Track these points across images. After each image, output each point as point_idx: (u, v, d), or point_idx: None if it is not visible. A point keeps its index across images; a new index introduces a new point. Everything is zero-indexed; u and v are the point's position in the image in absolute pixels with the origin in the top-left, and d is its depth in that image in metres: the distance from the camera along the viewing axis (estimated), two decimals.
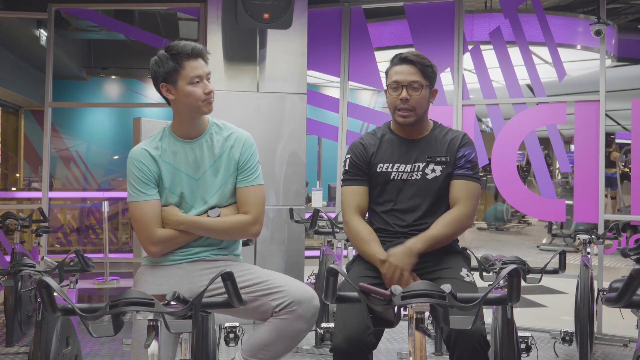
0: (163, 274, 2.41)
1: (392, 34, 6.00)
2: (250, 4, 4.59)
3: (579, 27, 7.31)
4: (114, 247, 8.99)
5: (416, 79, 2.53)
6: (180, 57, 2.36)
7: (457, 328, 1.59)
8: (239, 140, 2.50)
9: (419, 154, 2.59)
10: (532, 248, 10.35)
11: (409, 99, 2.52)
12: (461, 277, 2.41)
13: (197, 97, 2.38)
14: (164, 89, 2.41)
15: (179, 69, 2.36)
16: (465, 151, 2.58)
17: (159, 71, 2.39)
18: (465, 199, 2.53)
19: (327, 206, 7.41)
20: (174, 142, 2.46)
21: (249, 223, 2.46)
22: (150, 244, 2.39)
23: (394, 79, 2.55)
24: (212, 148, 2.47)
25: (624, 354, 4.34)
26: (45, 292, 1.51)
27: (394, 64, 2.59)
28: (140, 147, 2.46)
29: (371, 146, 2.64)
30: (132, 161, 2.43)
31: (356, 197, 2.59)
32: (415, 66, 2.54)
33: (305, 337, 2.40)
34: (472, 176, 2.57)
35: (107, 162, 11.06)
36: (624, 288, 1.49)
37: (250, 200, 2.47)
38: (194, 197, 2.46)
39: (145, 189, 2.40)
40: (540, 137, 5.14)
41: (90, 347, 4.33)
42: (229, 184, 2.48)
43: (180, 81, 2.37)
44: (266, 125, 5.02)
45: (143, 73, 10.73)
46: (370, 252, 2.49)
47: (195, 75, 2.37)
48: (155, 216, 2.40)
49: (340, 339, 2.25)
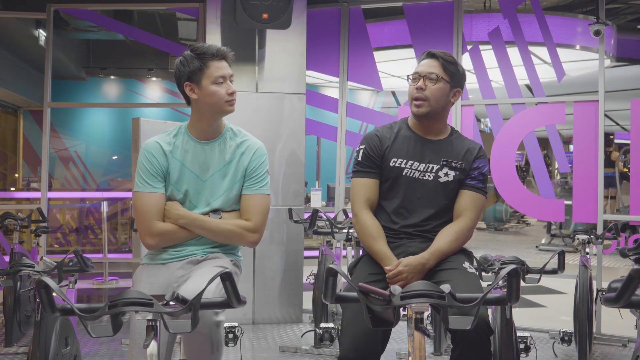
0: (155, 272, 2.42)
1: (391, 34, 6.01)
2: (249, 4, 4.59)
3: (578, 27, 7.31)
4: (113, 247, 8.99)
5: (435, 71, 2.54)
6: (205, 57, 2.40)
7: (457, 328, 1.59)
8: (250, 148, 2.52)
9: (434, 156, 2.57)
10: (531, 248, 10.36)
11: (424, 88, 2.52)
12: (463, 267, 2.42)
13: (220, 97, 2.42)
14: (188, 88, 2.44)
15: (204, 68, 2.40)
16: (480, 163, 2.59)
17: (183, 70, 2.42)
18: (471, 210, 2.54)
19: (326, 206, 7.42)
20: (187, 141, 2.49)
21: (248, 230, 2.46)
22: (148, 235, 2.41)
23: (415, 71, 2.58)
24: (223, 152, 2.49)
25: (622, 354, 4.34)
26: (44, 292, 1.51)
27: (421, 59, 2.62)
28: (154, 140, 2.50)
29: (386, 139, 2.61)
30: (144, 152, 2.46)
31: (367, 190, 2.57)
32: (438, 60, 2.55)
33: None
34: (482, 189, 2.58)
35: (106, 162, 11.06)
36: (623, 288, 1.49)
37: (254, 208, 2.47)
38: (199, 197, 2.47)
39: (152, 181, 2.43)
40: (539, 137, 5.14)
41: (89, 347, 4.33)
42: (235, 189, 2.49)
43: (204, 80, 2.41)
44: (265, 125, 5.02)
45: (142, 73, 10.72)
46: (375, 249, 2.49)
47: (220, 75, 2.41)
48: (157, 209, 2.42)
49: (348, 348, 2.24)
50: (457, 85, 2.60)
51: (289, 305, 5.16)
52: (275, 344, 4.50)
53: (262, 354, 4.31)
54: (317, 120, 5.74)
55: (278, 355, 4.29)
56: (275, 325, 5.05)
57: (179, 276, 2.40)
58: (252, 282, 5.04)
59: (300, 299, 5.22)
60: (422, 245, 2.49)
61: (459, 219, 2.54)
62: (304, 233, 5.22)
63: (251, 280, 5.03)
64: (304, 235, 5.27)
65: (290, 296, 5.17)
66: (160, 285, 2.34)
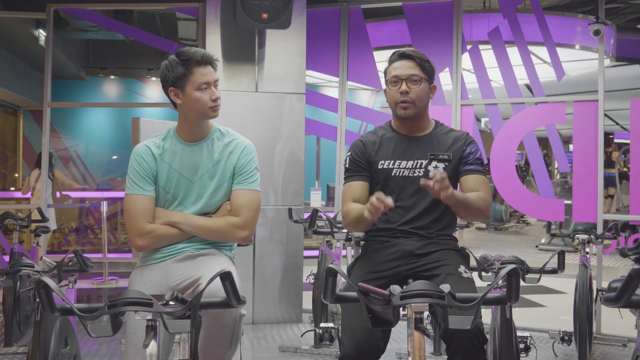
0: (148, 273, 2.43)
1: (391, 34, 6.01)
2: (249, 4, 4.59)
3: (578, 27, 7.31)
4: (112, 247, 8.99)
5: (415, 72, 2.56)
6: (190, 63, 2.41)
7: (456, 328, 1.59)
8: (239, 146, 2.53)
9: (421, 152, 2.59)
10: (531, 248, 10.35)
11: (409, 91, 2.55)
12: (459, 273, 2.42)
13: (204, 103, 2.43)
14: (172, 93, 2.46)
15: (188, 75, 2.41)
16: (472, 148, 2.61)
17: (168, 75, 2.44)
18: (484, 190, 2.54)
19: (326, 206, 7.41)
20: (175, 144, 2.51)
21: (237, 226, 2.45)
22: (137, 237, 2.42)
23: (393, 74, 2.59)
24: (211, 153, 2.51)
25: (622, 354, 4.34)
26: (44, 292, 1.51)
27: (392, 60, 2.63)
28: (144, 143, 2.53)
29: (371, 144, 2.65)
30: (134, 156, 2.50)
31: (354, 192, 2.60)
32: (414, 60, 2.58)
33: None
34: (482, 171, 2.60)
35: (106, 162, 11.05)
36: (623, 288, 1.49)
37: (243, 204, 2.47)
38: (188, 198, 2.49)
39: (142, 184, 2.45)
40: (539, 137, 5.14)
41: (88, 347, 4.33)
42: (224, 188, 2.50)
43: (188, 86, 2.42)
44: (265, 125, 5.02)
45: (142, 73, 10.72)
46: (356, 213, 2.45)
47: (204, 82, 2.42)
48: (146, 211, 2.44)
49: (349, 347, 2.25)
50: (432, 82, 2.65)
51: (288, 305, 5.16)
52: (275, 344, 4.50)
53: (261, 353, 4.31)
54: (317, 120, 5.74)
55: (278, 355, 4.29)
56: (275, 325, 5.05)
57: (173, 272, 2.40)
58: (252, 282, 5.04)
59: (300, 299, 5.22)
60: (418, 243, 2.51)
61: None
62: (303, 233, 5.22)
63: (251, 280, 5.03)
64: (303, 235, 5.27)
65: (290, 296, 5.17)
66: (154, 285, 2.36)
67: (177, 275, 2.40)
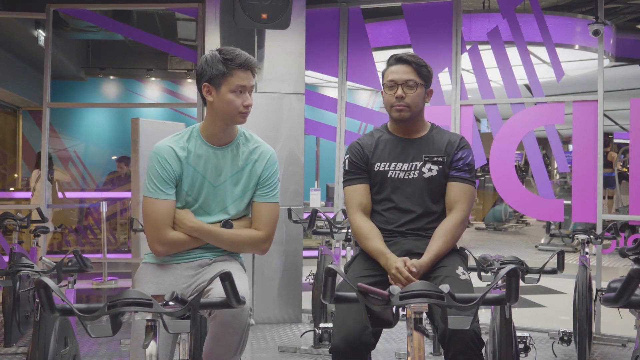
0: (161, 273, 2.40)
1: (390, 34, 6.01)
2: (248, 4, 4.59)
3: (577, 27, 7.31)
4: (112, 247, 8.99)
5: (411, 78, 2.59)
6: (231, 64, 2.36)
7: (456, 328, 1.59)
8: (263, 155, 2.51)
9: (417, 153, 2.63)
10: (531, 248, 10.36)
11: (404, 96, 2.58)
12: (457, 274, 2.43)
13: (235, 107, 2.39)
14: (205, 89, 2.40)
15: (227, 75, 2.36)
16: (464, 154, 2.63)
17: (206, 70, 2.38)
18: (462, 202, 2.58)
19: (325, 206, 7.41)
20: (200, 145, 2.45)
21: (260, 240, 2.46)
22: (159, 244, 2.38)
23: (389, 78, 2.62)
24: (236, 158, 2.47)
25: (622, 354, 4.34)
26: (44, 292, 1.50)
27: (389, 64, 2.65)
28: (166, 144, 2.43)
29: (368, 146, 2.69)
30: (157, 157, 2.40)
31: (358, 195, 2.64)
32: (411, 65, 2.61)
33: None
34: (469, 179, 2.63)
35: (105, 162, 11.04)
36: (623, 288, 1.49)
37: (265, 218, 2.47)
38: (211, 203, 2.45)
39: (165, 188, 2.38)
40: (538, 137, 5.14)
41: (88, 347, 4.33)
42: (247, 197, 2.49)
43: (224, 86, 2.37)
44: (264, 125, 5.02)
45: (141, 73, 10.72)
46: (370, 248, 2.52)
47: (240, 85, 2.37)
48: (168, 217, 2.38)
49: (339, 339, 2.26)
50: (429, 86, 2.67)
51: (288, 305, 5.16)
52: (274, 344, 4.50)
53: (261, 354, 4.31)
54: (316, 120, 5.74)
55: (277, 355, 4.29)
56: (275, 325, 5.05)
57: (186, 276, 2.39)
58: (252, 282, 5.04)
59: (299, 299, 5.22)
60: (416, 243, 2.54)
61: (451, 214, 2.59)
62: (303, 233, 5.22)
63: (250, 280, 5.03)
64: (303, 235, 5.27)
65: (290, 296, 5.17)
66: (166, 287, 2.33)
67: (190, 280, 2.39)
